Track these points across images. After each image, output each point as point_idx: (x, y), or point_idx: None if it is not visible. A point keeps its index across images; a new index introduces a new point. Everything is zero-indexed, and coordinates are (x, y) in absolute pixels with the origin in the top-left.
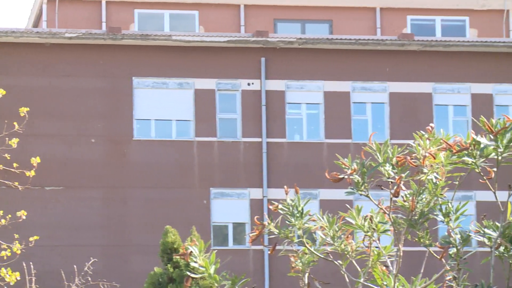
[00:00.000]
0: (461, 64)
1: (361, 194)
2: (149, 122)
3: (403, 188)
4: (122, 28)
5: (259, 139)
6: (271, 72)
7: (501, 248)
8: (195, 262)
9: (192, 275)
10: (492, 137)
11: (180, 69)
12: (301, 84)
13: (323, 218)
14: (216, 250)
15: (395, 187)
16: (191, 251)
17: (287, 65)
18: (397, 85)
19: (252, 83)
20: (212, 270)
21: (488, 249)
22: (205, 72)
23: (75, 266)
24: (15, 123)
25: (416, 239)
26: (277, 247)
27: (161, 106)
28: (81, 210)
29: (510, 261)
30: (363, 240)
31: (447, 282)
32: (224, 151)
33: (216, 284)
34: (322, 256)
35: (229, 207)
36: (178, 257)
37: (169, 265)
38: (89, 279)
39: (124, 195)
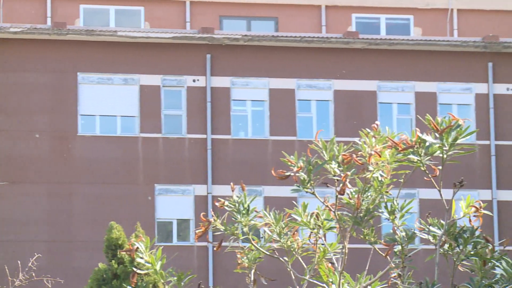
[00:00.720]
0: (405, 63)
1: (307, 192)
2: (93, 117)
3: (349, 185)
4: (68, 23)
5: (204, 136)
6: (217, 68)
7: (446, 246)
8: (141, 258)
9: (138, 271)
10: (437, 135)
11: (125, 65)
12: (246, 81)
13: (269, 215)
14: (161, 247)
15: (341, 185)
16: (137, 247)
17: (233, 62)
18: (342, 83)
19: (198, 80)
20: (158, 266)
21: (432, 247)
22: (150, 68)
23: (19, 262)
24: None
25: (361, 236)
26: (223, 244)
27: (106, 102)
28: (25, 205)
29: (455, 259)
30: (309, 237)
31: (391, 279)
32: (169, 148)
33: (162, 280)
34: (268, 253)
35: (173, 204)
36: (123, 253)
37: (113, 261)
38: (33, 274)
39: (68, 190)
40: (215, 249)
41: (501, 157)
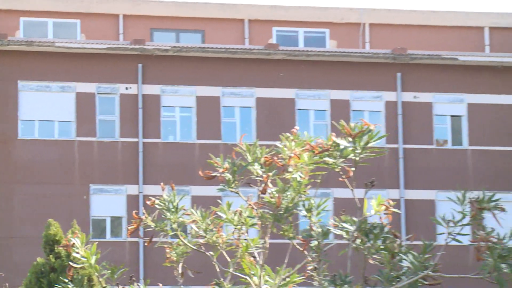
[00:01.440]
0: (321, 72)
1: (231, 191)
2: (33, 122)
3: (270, 185)
4: (9, 34)
5: (135, 139)
6: (147, 77)
7: (358, 241)
8: (77, 253)
9: (74, 265)
10: (350, 139)
11: (63, 74)
12: (175, 89)
13: (196, 212)
14: (96, 242)
15: (262, 185)
16: (74, 243)
17: (162, 71)
18: (263, 91)
19: (130, 87)
20: (93, 260)
21: (345, 242)
22: (85, 76)
23: None
24: None
25: (281, 232)
26: (153, 240)
27: (45, 108)
28: None
29: (366, 253)
30: (233, 233)
31: (308, 271)
32: (103, 150)
33: (96, 274)
34: (195, 248)
35: (107, 202)
36: (60, 248)
37: (51, 256)
38: None
39: (9, 190)
40: (146, 244)
41: (408, 160)
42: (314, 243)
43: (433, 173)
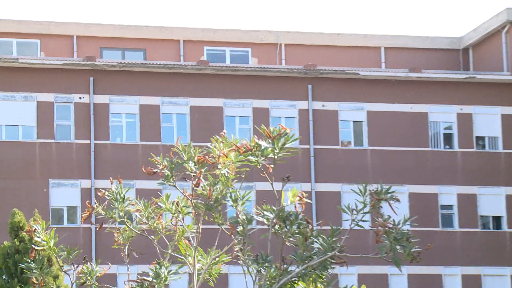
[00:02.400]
0: (245, 85)
1: (169, 185)
2: (0, 127)
3: (202, 180)
4: None
5: (88, 141)
6: (98, 88)
7: (276, 227)
8: (38, 237)
9: (36, 248)
10: (270, 141)
11: (25, 86)
12: (121, 98)
13: (140, 203)
14: (54, 228)
15: (196, 179)
16: (35, 229)
17: (110, 83)
18: (196, 100)
19: (83, 97)
20: (52, 243)
21: (266, 227)
22: (45, 88)
23: None
24: None
25: (212, 219)
26: (104, 225)
27: (10, 114)
28: None
29: (283, 236)
30: (171, 220)
31: (235, 252)
32: (60, 150)
33: (55, 255)
34: (139, 232)
35: (64, 194)
36: (24, 233)
37: (16, 240)
38: None
39: None
40: (97, 229)
41: (318, 158)
42: (239, 228)
43: (339, 169)
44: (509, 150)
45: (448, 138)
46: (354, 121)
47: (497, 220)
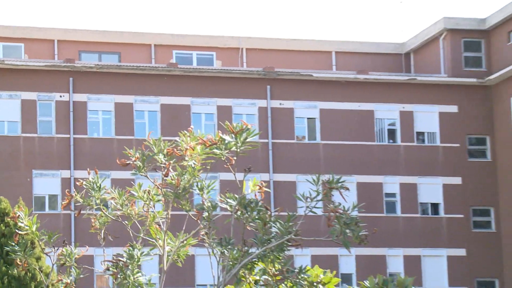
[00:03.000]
0: (210, 85)
1: (141, 175)
2: None
3: (171, 170)
4: None
5: (68, 136)
6: (77, 88)
7: (238, 213)
8: (22, 222)
9: (20, 232)
10: (233, 136)
11: (11, 85)
12: (98, 97)
13: (114, 191)
14: (36, 214)
15: (165, 170)
16: (19, 215)
17: (88, 83)
18: (166, 99)
19: (63, 96)
20: (34, 228)
21: (229, 213)
22: (29, 87)
23: None
24: None
25: (180, 206)
26: (82, 212)
27: None
28: None
29: (244, 222)
30: (143, 207)
31: (201, 236)
32: (42, 144)
33: (37, 238)
34: (114, 218)
35: (46, 184)
36: (9, 219)
37: (1, 225)
38: None
39: None
40: (76, 215)
41: (276, 151)
42: (205, 214)
43: (294, 161)
44: (446, 144)
45: (391, 133)
46: (308, 118)
47: (435, 206)
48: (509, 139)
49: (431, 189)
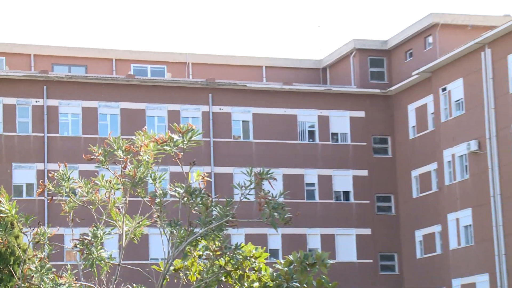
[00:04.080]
0: (162, 93)
1: (104, 167)
2: None
3: (129, 164)
4: None
5: (42, 134)
6: (50, 94)
7: (185, 199)
8: (3, 207)
9: (1, 215)
10: (180, 135)
11: None
12: (68, 102)
13: (81, 181)
14: (15, 200)
15: (124, 163)
16: (1, 200)
17: (59, 90)
18: (125, 104)
19: (38, 101)
20: (13, 212)
21: (177, 199)
22: (9, 93)
23: None
24: None
25: (136, 193)
26: (53, 198)
27: None
28: None
29: (190, 206)
30: (105, 194)
31: (154, 218)
32: (21, 141)
33: (15, 220)
34: (80, 203)
35: (23, 174)
36: None
37: None
38: None
39: None
40: (49, 201)
41: (216, 148)
42: (157, 200)
43: (231, 156)
44: (355, 143)
45: (311, 134)
46: (243, 121)
47: (346, 194)
48: (406, 139)
49: (343, 180)
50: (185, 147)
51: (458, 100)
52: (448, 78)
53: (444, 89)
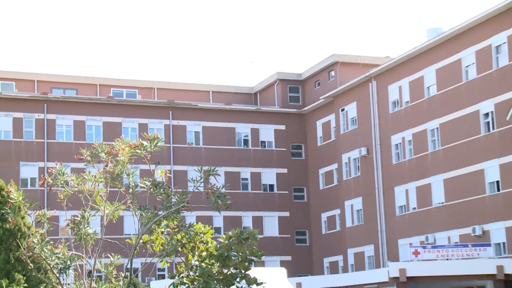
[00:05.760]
0: (135, 110)
1: (91, 165)
2: None
3: (110, 163)
4: None
5: (43, 140)
6: (49, 110)
7: (151, 189)
8: (13, 195)
9: (11, 201)
10: (148, 141)
11: (6, 108)
12: (63, 116)
13: (73, 175)
14: (22, 190)
15: (106, 163)
16: (11, 190)
17: (56, 108)
18: (107, 118)
19: (40, 115)
20: (20, 198)
21: (146, 190)
22: (18, 109)
23: None
24: None
25: (115, 185)
26: (52, 188)
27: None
28: None
29: (155, 195)
30: (91, 185)
31: (128, 204)
32: (26, 145)
33: (22, 204)
34: (72, 192)
35: (28, 170)
36: (4, 193)
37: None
38: None
39: None
40: (48, 190)
41: (175, 151)
42: (130, 190)
43: (186, 157)
44: (278, 149)
45: (245, 141)
46: (195, 131)
47: (271, 186)
48: (315, 146)
49: (268, 176)
50: (152, 150)
51: (352, 118)
52: (346, 102)
53: (342, 109)
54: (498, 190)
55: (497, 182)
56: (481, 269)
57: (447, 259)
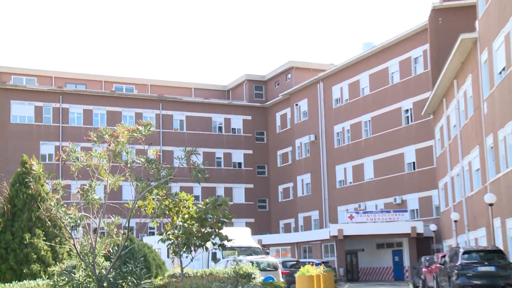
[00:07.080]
0: (132, 102)
1: (97, 144)
2: (17, 117)
3: (112, 143)
4: None
5: (58, 124)
6: (64, 101)
7: (146, 164)
8: (35, 167)
9: (33, 172)
10: (143, 126)
11: (30, 98)
12: (75, 106)
13: (82, 152)
14: (42, 163)
15: (109, 143)
16: (33, 163)
17: (69, 99)
18: (110, 108)
19: (57, 104)
20: (41, 170)
21: (141, 165)
22: (38, 99)
23: None
24: None
25: (116, 161)
26: (66, 163)
27: (22, 112)
28: None
29: (149, 169)
30: (97, 161)
31: (127, 175)
32: (45, 128)
33: (42, 175)
34: (82, 165)
35: (47, 148)
36: (27, 165)
37: (24, 168)
38: None
39: (3, 147)
40: (62, 164)
41: (164, 135)
42: (128, 165)
43: (173, 139)
44: (246, 134)
45: (220, 128)
46: (179, 120)
47: (239, 164)
48: (274, 133)
49: (238, 155)
50: (145, 134)
51: (304, 111)
52: (299, 98)
53: (296, 104)
54: (414, 169)
55: (414, 163)
56: (399, 229)
57: (375, 222)
